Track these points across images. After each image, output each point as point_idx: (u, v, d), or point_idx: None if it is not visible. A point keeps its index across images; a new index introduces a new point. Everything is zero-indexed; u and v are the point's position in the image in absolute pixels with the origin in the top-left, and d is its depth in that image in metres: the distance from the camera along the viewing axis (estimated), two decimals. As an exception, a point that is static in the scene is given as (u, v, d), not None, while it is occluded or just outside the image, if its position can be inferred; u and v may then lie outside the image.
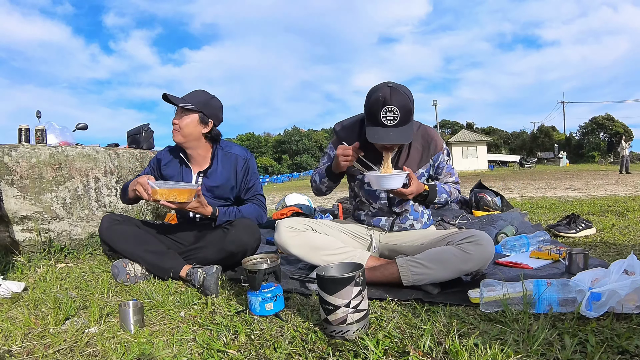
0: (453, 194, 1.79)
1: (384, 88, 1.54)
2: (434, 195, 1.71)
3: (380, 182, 1.56)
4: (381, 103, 1.52)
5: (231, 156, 2.02)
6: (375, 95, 1.55)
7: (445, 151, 1.81)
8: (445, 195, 1.75)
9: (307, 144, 54.54)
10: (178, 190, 1.66)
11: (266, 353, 1.06)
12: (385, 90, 1.53)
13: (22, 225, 2.44)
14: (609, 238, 2.40)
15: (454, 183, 1.82)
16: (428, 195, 1.69)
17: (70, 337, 1.22)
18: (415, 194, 1.63)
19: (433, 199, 1.71)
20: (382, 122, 1.53)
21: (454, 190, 1.80)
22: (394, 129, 1.54)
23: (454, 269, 1.49)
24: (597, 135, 41.73)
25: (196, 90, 2.01)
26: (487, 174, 22.79)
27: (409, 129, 1.57)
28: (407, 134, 1.56)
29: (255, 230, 1.89)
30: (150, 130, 3.41)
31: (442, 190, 1.74)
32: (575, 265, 1.64)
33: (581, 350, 0.97)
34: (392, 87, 1.54)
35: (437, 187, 1.72)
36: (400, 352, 1.02)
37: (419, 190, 1.64)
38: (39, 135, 2.69)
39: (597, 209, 3.65)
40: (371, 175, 1.58)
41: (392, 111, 1.51)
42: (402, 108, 1.52)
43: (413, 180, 1.60)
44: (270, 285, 1.36)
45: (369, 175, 1.59)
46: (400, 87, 1.56)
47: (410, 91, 1.59)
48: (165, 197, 1.65)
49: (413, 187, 1.60)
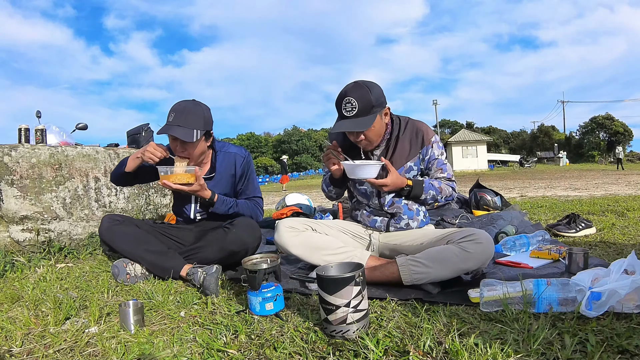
0: (444, 191, 1.72)
1: (349, 84, 1.64)
2: (420, 190, 1.68)
3: (354, 171, 1.58)
4: (342, 96, 1.61)
5: (229, 155, 2.02)
6: (340, 92, 1.64)
7: (435, 145, 1.76)
8: (432, 192, 1.70)
9: (307, 144, 54.53)
10: (187, 175, 1.75)
11: (266, 353, 1.06)
12: (348, 85, 1.63)
13: (22, 225, 2.44)
14: (609, 237, 2.40)
15: (446, 179, 1.75)
16: (412, 190, 1.68)
17: (71, 337, 1.22)
18: (392, 186, 1.63)
19: (418, 194, 1.69)
20: (343, 113, 1.61)
21: (446, 187, 1.72)
22: (352, 120, 1.59)
23: (454, 267, 1.49)
24: (597, 134, 41.72)
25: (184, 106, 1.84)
26: (487, 174, 22.79)
27: (367, 120, 1.60)
28: (362, 123, 1.59)
29: (256, 230, 1.89)
30: (150, 130, 3.41)
31: (430, 187, 1.70)
32: (575, 265, 1.64)
33: (581, 350, 0.97)
34: (355, 82, 1.63)
35: (424, 183, 1.69)
36: (400, 351, 1.02)
37: (396, 182, 1.63)
38: (39, 135, 2.70)
39: (597, 209, 3.65)
40: (346, 164, 1.60)
41: (350, 102, 1.58)
42: (359, 99, 1.57)
43: (391, 173, 1.61)
44: (271, 285, 1.36)
45: (345, 164, 1.61)
46: (365, 82, 1.62)
47: (377, 86, 1.64)
48: (179, 180, 1.74)
49: (389, 179, 1.61)
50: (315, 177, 35.74)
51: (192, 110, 1.84)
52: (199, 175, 1.78)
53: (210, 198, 1.89)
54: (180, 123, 1.79)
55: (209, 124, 1.90)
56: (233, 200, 1.99)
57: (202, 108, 1.88)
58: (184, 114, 1.81)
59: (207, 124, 1.88)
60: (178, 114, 1.81)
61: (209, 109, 1.94)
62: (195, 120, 1.82)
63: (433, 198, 1.72)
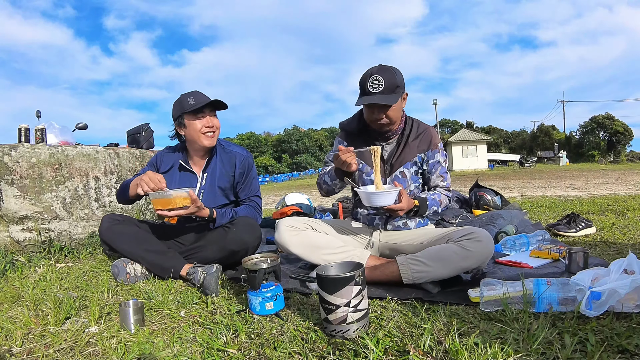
0: (442, 203, 1.78)
1: (374, 66, 1.70)
2: (424, 209, 1.72)
3: (371, 199, 1.53)
4: (368, 74, 1.66)
5: (231, 154, 2.03)
6: (366, 71, 1.69)
7: (441, 152, 1.82)
8: (435, 207, 1.75)
9: (307, 143, 54.51)
10: (181, 199, 1.69)
11: (266, 352, 1.06)
12: (375, 66, 1.69)
13: (22, 225, 2.44)
14: (609, 237, 2.40)
15: (444, 189, 1.81)
16: (419, 210, 1.70)
17: (71, 336, 1.22)
18: (406, 210, 1.63)
19: (423, 212, 1.72)
20: (369, 90, 1.64)
21: (444, 199, 1.79)
22: (379, 95, 1.63)
23: (454, 266, 1.49)
24: (597, 134, 41.67)
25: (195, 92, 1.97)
26: (487, 173, 22.78)
27: (393, 97, 1.65)
28: (390, 99, 1.63)
29: (256, 229, 1.89)
30: (150, 130, 3.41)
31: (433, 203, 1.74)
32: (575, 265, 1.64)
33: (581, 349, 0.97)
34: (381, 64, 1.69)
35: (428, 201, 1.72)
36: (400, 351, 1.02)
37: (409, 206, 1.64)
38: (39, 135, 2.69)
39: (597, 208, 3.65)
40: (362, 192, 1.56)
41: (377, 80, 1.63)
42: (387, 79, 1.63)
43: (404, 197, 1.60)
44: (271, 285, 1.36)
45: (361, 192, 1.57)
46: (390, 66, 1.69)
47: (400, 72, 1.70)
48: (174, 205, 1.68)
49: (404, 203, 1.60)
50: (316, 177, 35.66)
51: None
52: (195, 198, 1.75)
53: (209, 216, 1.88)
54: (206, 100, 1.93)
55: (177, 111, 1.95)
56: (231, 210, 1.98)
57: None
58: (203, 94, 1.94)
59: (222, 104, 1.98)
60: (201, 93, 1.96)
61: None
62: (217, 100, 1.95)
63: (435, 213, 1.81)
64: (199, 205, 1.79)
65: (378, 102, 1.63)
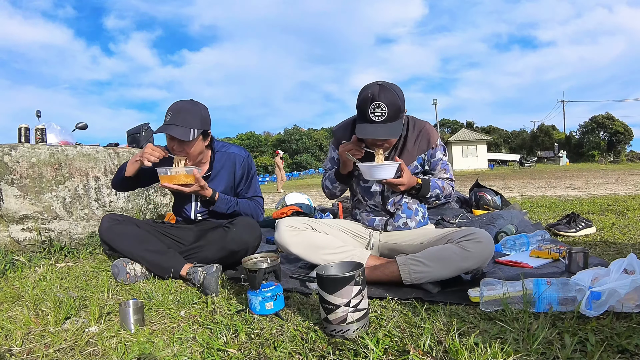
0: (446, 190, 1.78)
1: (374, 86, 1.57)
2: (427, 189, 1.72)
3: (372, 172, 1.56)
4: (370, 100, 1.55)
5: (230, 155, 2.03)
6: (364, 92, 1.58)
7: (440, 147, 1.82)
8: (437, 191, 1.75)
9: (307, 143, 54.52)
10: (186, 176, 1.76)
11: (266, 352, 1.07)
12: (375, 87, 1.56)
13: (22, 224, 2.44)
14: (609, 237, 2.40)
15: (448, 180, 1.82)
16: (421, 189, 1.70)
17: (71, 336, 1.22)
18: (407, 186, 1.64)
19: (426, 193, 1.72)
20: (371, 118, 1.55)
21: (447, 186, 1.79)
22: (382, 125, 1.56)
23: (454, 267, 1.49)
24: (597, 134, 41.66)
25: (181, 105, 1.85)
26: (487, 173, 22.77)
27: (397, 125, 1.58)
28: (395, 130, 1.57)
29: (256, 229, 1.89)
30: (150, 130, 3.41)
31: (435, 186, 1.74)
32: (575, 264, 1.64)
33: (581, 349, 0.97)
34: (381, 85, 1.56)
35: (431, 182, 1.73)
36: (400, 351, 1.02)
37: (410, 182, 1.65)
38: (39, 135, 2.69)
39: (597, 208, 3.65)
40: (363, 166, 1.58)
41: (380, 107, 1.54)
42: (390, 105, 1.54)
43: (405, 172, 1.62)
44: (271, 285, 1.36)
45: (361, 165, 1.58)
46: (390, 85, 1.59)
47: (401, 89, 1.61)
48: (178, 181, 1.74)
49: (404, 178, 1.61)
50: (316, 177, 35.71)
51: (189, 109, 1.84)
52: (199, 177, 1.78)
53: (211, 196, 1.90)
54: (177, 122, 1.79)
55: (207, 123, 1.90)
56: (234, 199, 2.00)
57: (199, 107, 1.88)
58: (181, 113, 1.82)
59: (205, 123, 1.87)
60: (175, 113, 1.81)
61: (207, 109, 1.94)
62: (192, 120, 1.82)
63: (437, 196, 1.78)
64: (202, 184, 1.82)
65: (383, 136, 1.55)
